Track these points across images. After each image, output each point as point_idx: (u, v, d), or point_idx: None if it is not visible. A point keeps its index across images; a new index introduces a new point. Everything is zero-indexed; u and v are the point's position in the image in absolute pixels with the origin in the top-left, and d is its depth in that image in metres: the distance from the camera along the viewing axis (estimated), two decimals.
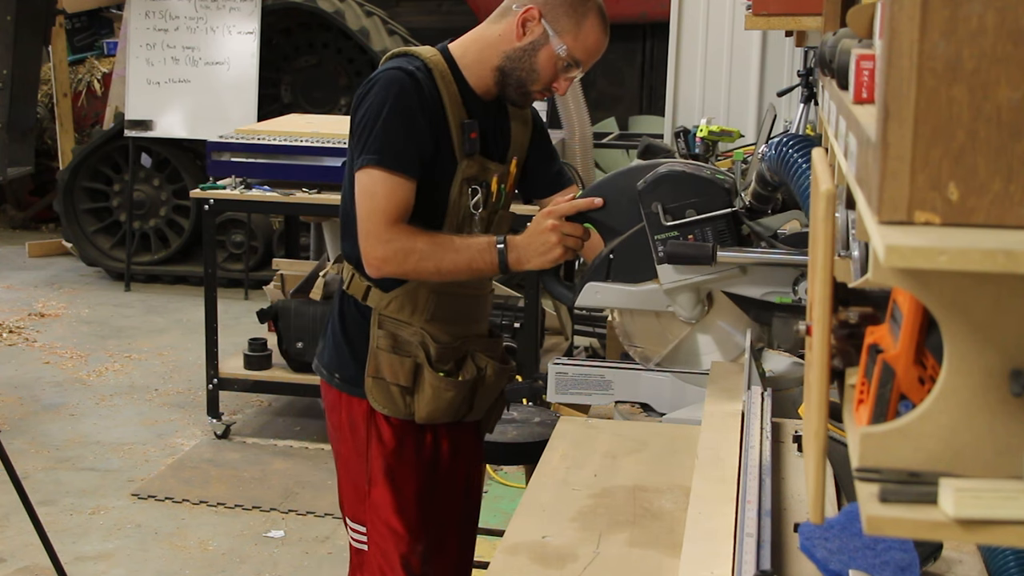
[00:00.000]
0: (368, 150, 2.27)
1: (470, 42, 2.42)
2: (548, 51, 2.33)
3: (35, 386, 5.78)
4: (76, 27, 8.63)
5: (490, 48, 2.38)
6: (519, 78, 2.37)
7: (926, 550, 1.74)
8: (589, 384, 2.68)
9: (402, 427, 2.45)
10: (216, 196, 5.03)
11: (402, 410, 2.43)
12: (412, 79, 2.30)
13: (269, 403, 5.53)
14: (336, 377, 2.51)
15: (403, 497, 2.46)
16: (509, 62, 2.36)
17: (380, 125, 2.27)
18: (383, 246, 2.27)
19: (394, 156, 2.27)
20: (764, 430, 2.22)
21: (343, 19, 7.41)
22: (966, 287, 0.91)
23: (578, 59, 2.36)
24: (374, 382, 2.42)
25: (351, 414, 2.48)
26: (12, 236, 8.83)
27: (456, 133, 2.36)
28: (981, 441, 0.95)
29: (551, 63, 2.35)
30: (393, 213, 2.27)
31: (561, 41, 2.33)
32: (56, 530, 4.03)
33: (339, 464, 2.56)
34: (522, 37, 2.34)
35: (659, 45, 8.07)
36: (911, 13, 0.88)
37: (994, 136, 0.88)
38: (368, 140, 2.27)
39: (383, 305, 2.43)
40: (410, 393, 2.41)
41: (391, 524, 2.46)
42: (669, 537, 1.97)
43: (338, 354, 2.50)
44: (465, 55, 2.40)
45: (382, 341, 2.42)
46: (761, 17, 2.44)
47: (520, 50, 2.35)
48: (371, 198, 2.27)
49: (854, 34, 1.28)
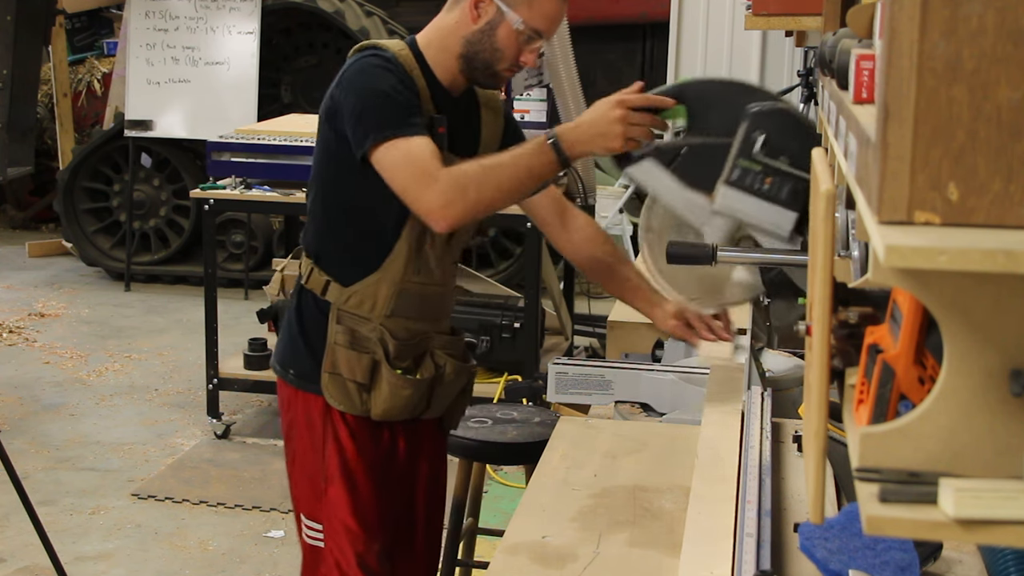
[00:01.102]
0: (374, 129, 2.23)
1: (432, 33, 2.40)
2: (506, 27, 2.31)
3: (35, 386, 5.78)
4: (76, 27, 8.63)
5: (450, 36, 2.36)
6: (484, 60, 2.34)
7: (926, 550, 1.74)
8: (589, 384, 2.68)
9: (359, 424, 2.42)
10: (216, 196, 5.03)
11: (358, 407, 2.40)
12: (390, 62, 2.30)
13: (269, 403, 5.53)
14: (291, 373, 2.46)
15: (359, 495, 2.43)
16: (470, 47, 2.34)
17: (374, 104, 2.24)
18: (436, 192, 2.18)
19: (401, 124, 2.23)
20: (764, 430, 2.22)
21: (343, 19, 7.41)
22: (966, 287, 0.91)
23: (538, 29, 2.33)
24: (331, 378, 2.39)
25: (307, 411, 2.45)
26: (12, 236, 8.83)
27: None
28: (981, 441, 0.95)
29: (512, 39, 2.32)
30: (429, 162, 2.20)
31: (516, 14, 2.30)
32: (56, 530, 4.03)
33: (293, 462, 2.52)
34: (477, 19, 2.32)
35: (659, 45, 8.07)
36: (911, 13, 0.88)
37: (994, 136, 0.88)
38: (369, 121, 2.24)
39: (342, 300, 2.39)
40: (367, 390, 2.38)
41: (347, 523, 2.43)
42: (669, 537, 1.97)
43: (293, 350, 2.47)
44: (429, 47, 2.38)
45: (340, 337, 2.38)
46: (761, 17, 2.44)
47: (479, 32, 2.33)
48: (402, 162, 2.21)
49: (854, 34, 1.28)
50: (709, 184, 2.35)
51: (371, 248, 2.38)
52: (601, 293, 7.37)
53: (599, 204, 6.38)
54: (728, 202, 2.33)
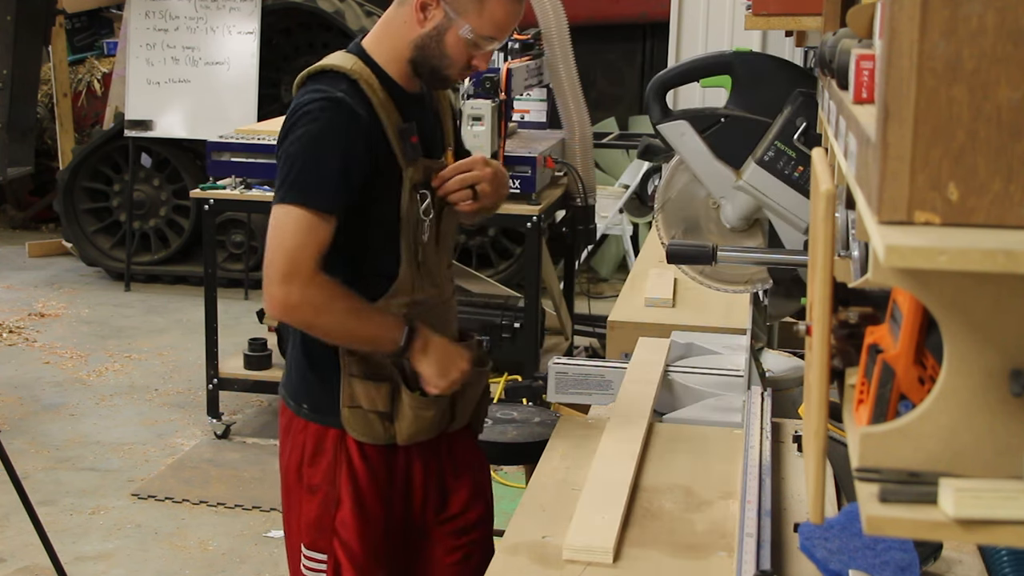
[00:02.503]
0: (291, 187, 2.16)
1: (381, 34, 2.29)
2: (454, 34, 2.20)
3: (35, 386, 5.78)
4: (76, 27, 8.63)
5: (399, 39, 2.25)
6: (433, 66, 2.25)
7: (926, 550, 1.74)
8: (589, 384, 2.68)
9: (374, 450, 2.33)
10: (216, 196, 5.03)
11: (382, 436, 2.30)
12: (342, 106, 2.17)
13: (269, 403, 5.53)
14: (304, 408, 2.35)
15: (369, 521, 2.33)
16: (419, 52, 2.23)
17: (305, 161, 2.16)
18: (301, 289, 2.13)
19: (317, 194, 2.15)
20: (764, 430, 2.23)
21: (343, 19, 7.41)
22: (966, 287, 0.91)
23: (488, 35, 2.22)
24: (351, 412, 2.29)
25: (320, 441, 2.34)
26: (12, 236, 8.83)
27: (396, 142, 2.23)
28: (981, 441, 0.95)
29: (461, 45, 2.21)
30: (314, 257, 2.14)
31: (464, 22, 2.19)
32: (56, 530, 4.03)
33: (294, 493, 2.39)
34: (424, 23, 2.21)
35: (659, 45, 8.07)
36: (911, 13, 0.88)
37: (994, 136, 0.88)
38: (292, 176, 2.16)
39: None
40: (389, 419, 2.29)
41: (352, 549, 2.32)
42: (669, 537, 1.97)
43: (304, 383, 2.36)
44: (380, 51, 2.27)
45: (354, 368, 2.27)
46: (761, 17, 2.43)
47: (426, 37, 2.22)
48: (288, 235, 2.14)
49: (854, 34, 1.28)
50: (739, 159, 2.32)
51: (374, 277, 2.28)
52: (602, 293, 7.38)
53: (599, 204, 6.37)
54: (754, 181, 2.30)
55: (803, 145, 2.27)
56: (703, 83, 2.33)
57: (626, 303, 3.67)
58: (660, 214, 2.51)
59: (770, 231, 2.39)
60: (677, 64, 2.43)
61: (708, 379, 2.73)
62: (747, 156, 2.31)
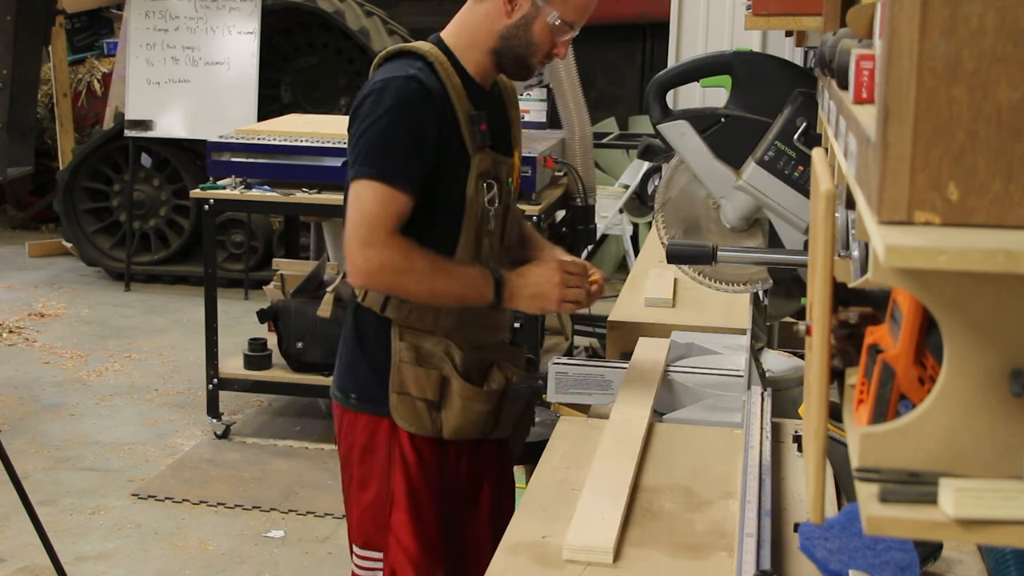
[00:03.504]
0: (366, 162, 2.21)
1: (460, 28, 2.36)
2: (541, 21, 2.30)
3: (35, 386, 5.78)
4: (76, 27, 8.63)
5: (481, 31, 2.32)
6: (518, 54, 2.33)
7: (926, 550, 1.74)
8: (589, 384, 2.67)
9: (425, 445, 2.35)
10: (216, 196, 5.03)
11: (428, 427, 2.32)
12: (416, 83, 2.23)
13: (269, 403, 5.53)
14: (352, 398, 2.39)
15: (423, 520, 2.35)
16: (504, 41, 2.32)
17: (380, 137, 2.20)
18: (379, 252, 2.18)
19: (393, 169, 2.20)
20: (764, 430, 2.23)
21: (343, 19, 7.41)
22: (966, 287, 0.91)
23: (572, 21, 2.32)
24: (399, 398, 2.31)
25: (371, 435, 2.36)
26: (12, 236, 8.83)
27: (466, 127, 2.29)
28: (981, 441, 0.95)
29: (546, 32, 2.31)
30: (390, 223, 2.19)
31: (551, 8, 2.29)
32: (56, 530, 4.03)
33: (352, 490, 2.42)
34: (511, 13, 2.30)
35: (659, 45, 8.07)
36: (911, 13, 0.88)
37: (994, 136, 0.88)
38: (367, 152, 2.21)
39: (403, 315, 2.33)
40: (436, 408, 2.31)
41: (409, 549, 2.34)
42: (669, 537, 1.97)
43: (353, 372, 2.39)
44: (458, 42, 2.34)
45: (405, 354, 2.31)
46: (761, 17, 2.43)
47: (513, 27, 2.30)
48: (365, 206, 2.19)
49: (854, 34, 1.28)
50: (739, 159, 2.33)
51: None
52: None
53: (599, 204, 6.37)
54: (754, 181, 2.31)
55: (803, 145, 2.27)
56: (703, 83, 2.33)
57: (626, 303, 3.67)
58: (660, 214, 2.51)
59: (770, 231, 2.39)
60: (677, 64, 2.43)
61: (708, 379, 2.72)
62: (747, 156, 2.31)
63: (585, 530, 1.94)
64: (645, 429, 2.35)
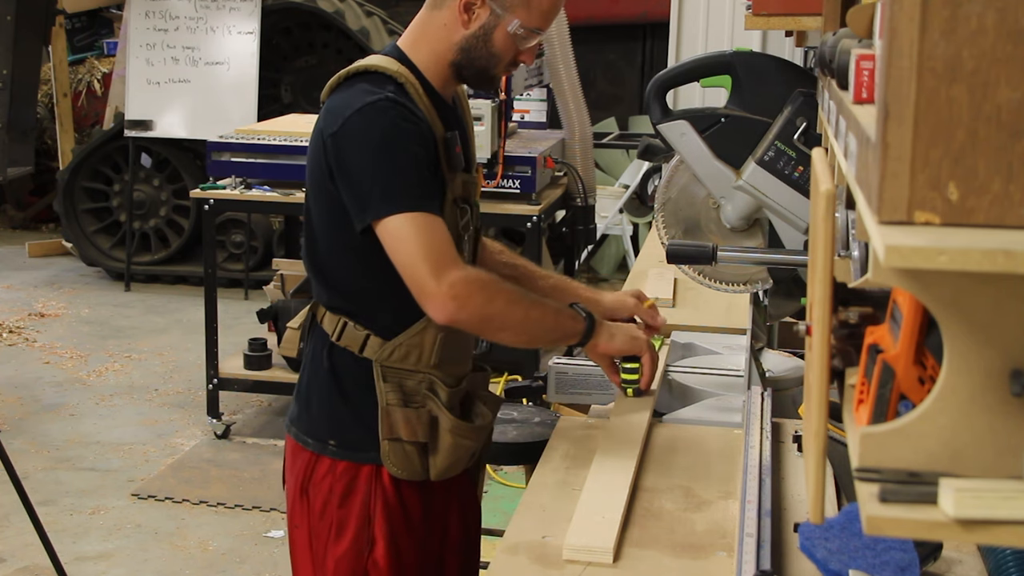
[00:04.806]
0: (388, 198, 2.02)
1: (418, 37, 2.18)
2: (502, 31, 2.11)
3: (35, 386, 5.78)
4: (76, 27, 8.63)
5: (440, 42, 2.14)
6: (479, 67, 2.15)
7: (926, 550, 1.74)
8: (589, 384, 2.68)
9: (410, 488, 2.20)
10: (216, 196, 5.04)
11: (419, 472, 2.17)
12: (401, 107, 2.06)
13: (269, 403, 5.53)
14: (331, 445, 2.19)
15: (403, 564, 2.21)
16: (464, 54, 2.13)
17: (390, 169, 2.03)
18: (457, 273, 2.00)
19: (420, 197, 2.02)
20: (764, 430, 2.22)
21: (343, 19, 7.41)
22: (966, 287, 0.91)
23: (536, 27, 2.13)
24: (391, 445, 2.14)
25: (352, 480, 2.19)
26: (12, 236, 8.83)
27: (442, 150, 2.12)
28: (981, 441, 0.95)
29: (509, 42, 2.13)
30: (449, 246, 2.01)
31: (512, 16, 2.10)
32: (56, 530, 4.03)
33: (323, 538, 2.22)
34: (468, 24, 2.11)
35: (659, 45, 8.07)
36: (911, 13, 0.88)
37: (994, 136, 0.88)
38: (384, 187, 2.02)
39: (385, 355, 2.15)
40: (426, 452, 2.16)
41: None
42: (669, 537, 1.97)
43: (333, 418, 2.20)
44: (418, 54, 2.16)
45: (391, 396, 2.14)
46: (761, 17, 2.43)
47: (472, 38, 2.12)
48: (416, 238, 2.00)
49: (854, 34, 1.28)
50: (739, 159, 2.32)
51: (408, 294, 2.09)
52: None
53: (599, 204, 6.38)
54: (754, 181, 2.30)
55: (803, 145, 2.26)
56: (703, 83, 2.33)
57: None
58: (660, 214, 2.51)
59: (770, 231, 2.39)
60: (677, 64, 2.43)
61: (708, 379, 2.73)
62: (747, 156, 2.30)
63: (585, 530, 1.94)
64: (645, 429, 2.35)
